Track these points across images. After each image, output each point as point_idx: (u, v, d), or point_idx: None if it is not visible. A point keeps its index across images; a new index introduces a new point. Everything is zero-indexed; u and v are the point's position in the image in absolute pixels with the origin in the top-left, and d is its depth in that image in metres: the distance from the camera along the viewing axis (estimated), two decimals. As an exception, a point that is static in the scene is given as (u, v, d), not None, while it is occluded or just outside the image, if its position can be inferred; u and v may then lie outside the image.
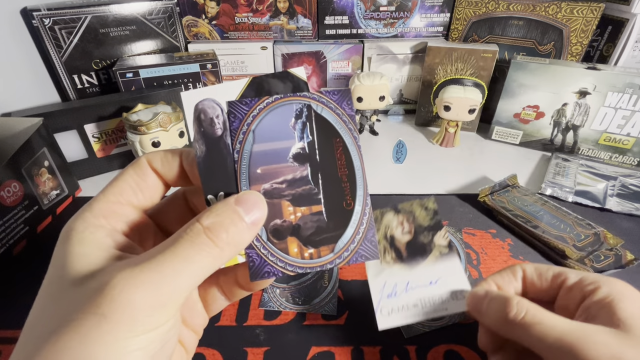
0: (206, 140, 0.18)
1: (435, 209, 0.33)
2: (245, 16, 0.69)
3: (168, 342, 0.16)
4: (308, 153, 0.20)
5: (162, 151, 0.19)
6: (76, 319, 0.14)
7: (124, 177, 0.18)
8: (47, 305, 0.16)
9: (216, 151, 0.18)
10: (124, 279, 0.15)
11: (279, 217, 0.19)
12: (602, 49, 0.64)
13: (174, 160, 0.19)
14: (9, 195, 0.42)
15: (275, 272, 0.19)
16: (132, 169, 0.19)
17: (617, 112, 0.56)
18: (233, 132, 0.19)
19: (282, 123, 0.19)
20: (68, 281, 0.16)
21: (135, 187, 0.19)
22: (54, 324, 0.14)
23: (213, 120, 0.18)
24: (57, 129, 0.53)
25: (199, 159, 0.18)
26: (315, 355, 0.33)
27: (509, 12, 0.65)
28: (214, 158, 0.18)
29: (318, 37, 0.72)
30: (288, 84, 0.20)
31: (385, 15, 0.70)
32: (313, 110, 0.20)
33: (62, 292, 0.15)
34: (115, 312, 0.14)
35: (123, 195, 0.18)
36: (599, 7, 0.59)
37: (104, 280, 0.15)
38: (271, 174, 0.19)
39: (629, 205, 0.49)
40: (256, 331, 0.35)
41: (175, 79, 0.62)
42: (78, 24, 0.60)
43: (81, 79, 0.64)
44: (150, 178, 0.19)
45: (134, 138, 0.52)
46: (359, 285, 0.40)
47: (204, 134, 0.18)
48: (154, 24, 0.66)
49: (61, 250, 0.17)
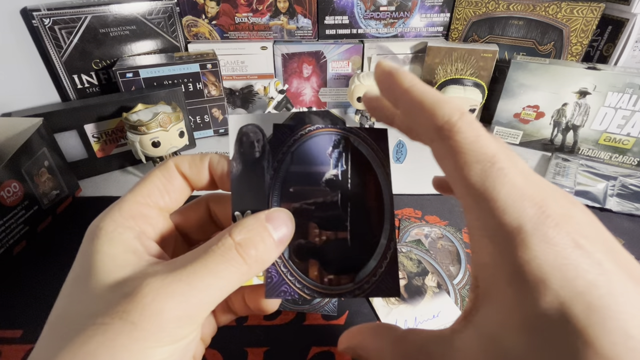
0: (244, 160, 0.19)
1: (418, 258, 0.41)
2: (245, 16, 0.69)
3: (187, 354, 0.16)
4: (341, 180, 0.20)
5: (190, 155, 0.20)
6: (104, 323, 0.14)
7: (151, 179, 0.19)
8: (72, 304, 0.16)
9: (251, 172, 0.19)
10: (155, 289, 0.15)
11: (304, 237, 0.20)
12: (602, 49, 0.64)
13: (202, 164, 0.19)
14: (9, 195, 0.42)
15: (291, 293, 0.19)
16: (159, 171, 0.19)
17: (617, 112, 0.56)
18: (274, 151, 0.20)
19: (320, 150, 0.20)
20: (96, 282, 0.15)
21: (162, 189, 0.19)
22: (80, 324, 0.14)
23: (254, 143, 0.20)
24: (57, 129, 0.53)
25: (234, 176, 0.19)
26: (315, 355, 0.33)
27: (509, 12, 0.65)
28: (248, 177, 0.19)
29: (318, 37, 0.72)
30: (327, 120, 0.21)
31: (385, 15, 0.70)
32: (350, 143, 0.21)
33: (89, 292, 0.15)
34: (145, 321, 0.14)
35: (151, 197, 0.18)
36: (599, 7, 0.59)
37: (134, 285, 0.15)
38: (302, 194, 0.20)
39: (629, 205, 0.49)
40: (256, 331, 0.35)
41: (175, 79, 0.62)
42: (78, 24, 0.60)
43: (81, 79, 0.64)
44: (177, 181, 0.19)
45: (134, 138, 0.52)
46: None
47: (242, 154, 0.20)
48: (154, 24, 0.66)
49: (89, 249, 0.16)
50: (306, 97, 0.76)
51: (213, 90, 0.66)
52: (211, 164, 0.20)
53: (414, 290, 0.39)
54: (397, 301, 0.38)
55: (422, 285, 0.39)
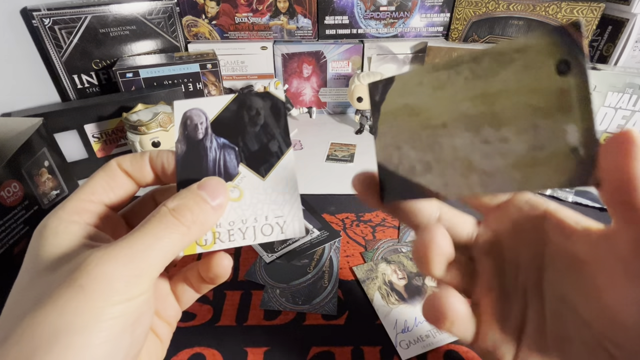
0: (188, 141, 0.21)
1: None
2: (245, 16, 0.69)
3: (142, 316, 0.17)
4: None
5: (132, 154, 0.21)
6: (55, 293, 0.15)
7: (95, 178, 0.20)
8: (24, 291, 0.16)
9: (195, 151, 0.21)
10: (99, 256, 0.16)
11: None
12: (602, 49, 0.64)
13: (142, 161, 0.21)
14: (9, 195, 0.42)
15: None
16: (102, 170, 0.20)
17: (617, 112, 0.56)
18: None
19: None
20: (43, 267, 0.16)
21: (106, 187, 0.20)
22: (32, 302, 0.15)
23: (197, 125, 0.22)
24: (57, 129, 0.53)
25: (179, 157, 0.21)
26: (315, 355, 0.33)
27: (509, 12, 0.65)
28: (192, 157, 0.21)
29: (318, 37, 0.72)
30: (267, 102, 0.22)
31: (385, 15, 0.70)
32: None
33: (39, 277, 0.16)
34: (92, 283, 0.15)
35: (95, 194, 0.19)
36: (599, 7, 0.59)
37: (80, 259, 0.16)
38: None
39: (629, 205, 0.49)
40: (256, 331, 0.35)
41: (175, 79, 0.62)
42: (78, 24, 0.60)
43: (81, 79, 0.64)
44: (120, 178, 0.20)
45: (134, 138, 0.52)
46: (360, 286, 0.40)
47: (187, 136, 0.21)
48: (154, 24, 0.66)
49: (35, 244, 0.17)
50: (306, 97, 0.76)
51: (213, 90, 0.66)
52: (151, 159, 0.21)
53: (414, 290, 0.39)
54: (397, 301, 0.38)
55: (422, 285, 0.39)
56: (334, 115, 0.78)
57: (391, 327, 0.35)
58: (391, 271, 0.41)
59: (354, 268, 0.41)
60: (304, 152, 0.65)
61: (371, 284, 0.39)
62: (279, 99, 0.22)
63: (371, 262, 0.42)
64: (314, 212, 0.50)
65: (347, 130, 0.72)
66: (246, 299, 0.38)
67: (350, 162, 0.62)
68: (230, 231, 0.21)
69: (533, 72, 0.14)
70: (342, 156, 0.63)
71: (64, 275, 0.15)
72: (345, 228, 0.47)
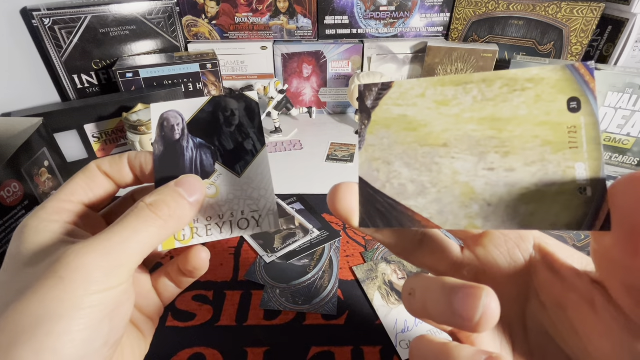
0: (165, 142, 0.22)
1: None
2: (245, 16, 0.69)
3: (121, 305, 0.17)
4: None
5: (111, 156, 0.22)
6: (36, 285, 0.15)
7: (74, 180, 0.20)
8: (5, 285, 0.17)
9: (172, 151, 0.22)
10: (78, 249, 0.16)
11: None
12: (602, 49, 0.64)
13: (121, 162, 0.21)
14: (9, 195, 0.42)
15: None
16: (82, 172, 0.21)
17: (617, 112, 0.56)
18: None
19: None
20: (24, 263, 0.17)
21: (85, 188, 0.20)
22: (14, 294, 0.16)
23: (174, 127, 0.22)
24: (57, 129, 0.53)
25: (156, 157, 0.22)
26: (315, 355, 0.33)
27: (509, 12, 0.65)
28: (169, 157, 0.22)
29: (318, 37, 0.72)
30: (242, 103, 0.23)
31: (385, 15, 0.70)
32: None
33: (20, 272, 0.17)
34: (71, 273, 0.16)
35: (74, 195, 0.20)
36: (599, 7, 0.59)
37: (60, 253, 0.16)
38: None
39: (629, 205, 0.49)
40: (256, 331, 0.35)
41: (175, 79, 0.62)
42: (78, 24, 0.60)
43: (81, 79, 0.64)
44: (100, 179, 0.21)
45: (134, 138, 0.52)
46: (360, 286, 0.40)
47: (164, 137, 0.22)
48: (154, 24, 0.66)
49: (16, 242, 0.18)
50: (306, 97, 0.76)
51: (213, 90, 0.66)
52: (130, 160, 0.21)
53: None
54: (397, 301, 0.38)
55: None
56: (334, 115, 0.78)
57: (391, 327, 0.35)
58: (391, 271, 0.41)
59: (354, 268, 0.41)
60: (304, 152, 0.65)
61: (371, 284, 0.39)
62: (253, 100, 0.23)
63: (371, 262, 0.42)
64: (314, 212, 0.50)
65: (347, 130, 0.72)
66: (246, 299, 0.38)
67: (350, 162, 0.62)
68: (208, 226, 0.21)
69: (545, 104, 0.14)
70: (342, 156, 0.63)
71: (44, 268, 0.16)
72: (345, 228, 0.47)
